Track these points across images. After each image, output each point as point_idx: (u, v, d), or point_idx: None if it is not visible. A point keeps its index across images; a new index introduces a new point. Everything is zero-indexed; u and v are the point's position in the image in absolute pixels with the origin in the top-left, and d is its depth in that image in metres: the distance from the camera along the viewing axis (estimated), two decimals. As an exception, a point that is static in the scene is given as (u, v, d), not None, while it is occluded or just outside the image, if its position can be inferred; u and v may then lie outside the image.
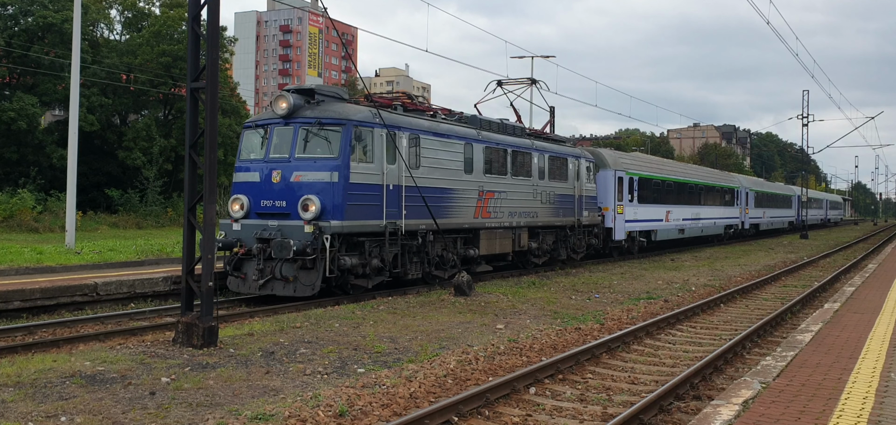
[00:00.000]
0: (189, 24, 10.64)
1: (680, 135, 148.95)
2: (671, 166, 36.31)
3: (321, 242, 14.02)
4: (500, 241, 19.94)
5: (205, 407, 7.41)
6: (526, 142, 21.58)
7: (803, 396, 6.92)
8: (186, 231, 10.61)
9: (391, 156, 15.82)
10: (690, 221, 35.05)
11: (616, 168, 27.33)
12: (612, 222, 26.68)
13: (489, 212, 19.34)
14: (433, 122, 17.75)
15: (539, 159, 22.01)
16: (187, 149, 10.60)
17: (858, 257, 31.39)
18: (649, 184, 30.28)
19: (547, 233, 22.79)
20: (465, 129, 18.83)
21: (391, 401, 7.76)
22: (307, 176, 14.70)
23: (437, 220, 16.94)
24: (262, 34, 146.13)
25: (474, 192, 18.69)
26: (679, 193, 33.84)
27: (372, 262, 15.32)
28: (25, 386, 7.93)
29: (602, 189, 26.46)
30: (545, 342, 11.33)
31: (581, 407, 8.13)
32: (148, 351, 9.85)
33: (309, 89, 15.80)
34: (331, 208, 14.40)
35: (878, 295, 15.01)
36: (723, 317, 14.87)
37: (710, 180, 39.28)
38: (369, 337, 11.12)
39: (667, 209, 32.11)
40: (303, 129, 15.03)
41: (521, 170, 20.98)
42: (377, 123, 15.52)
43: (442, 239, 17.61)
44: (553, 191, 22.67)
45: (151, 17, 47.21)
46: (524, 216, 21.03)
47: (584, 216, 24.71)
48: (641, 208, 29.28)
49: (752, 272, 24.15)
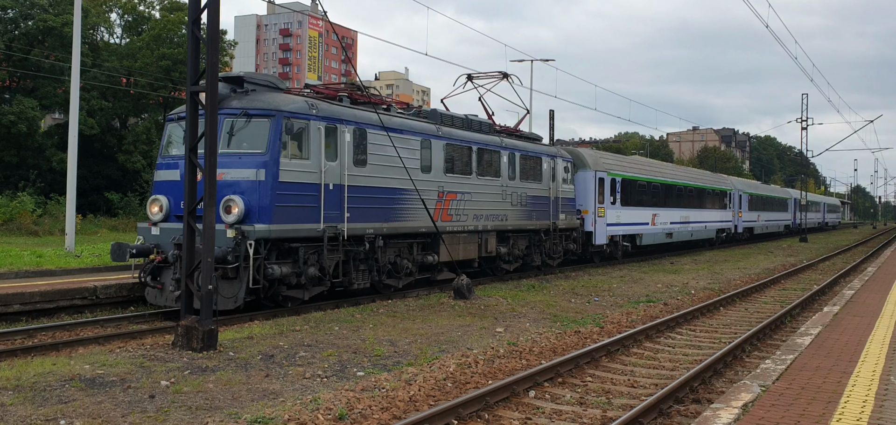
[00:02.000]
0: (189, 28, 10.65)
1: (679, 139, 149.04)
2: (658, 167, 34.86)
3: (245, 249, 12.54)
4: (463, 247, 18.51)
5: (204, 410, 7.41)
6: (494, 140, 20.09)
7: (803, 399, 6.92)
8: (186, 234, 10.61)
9: (332, 152, 14.27)
10: (679, 225, 33.75)
11: (596, 168, 25.94)
12: (593, 226, 25.35)
13: (451, 214, 17.94)
14: (383, 116, 16.02)
15: (509, 158, 20.48)
16: (187, 152, 10.61)
17: (858, 260, 31.39)
18: (633, 186, 28.99)
19: (519, 238, 21.41)
20: (423, 124, 17.37)
21: (391, 405, 7.76)
22: (231, 174, 13.07)
23: (389, 224, 15.71)
24: (262, 37, 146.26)
25: (433, 193, 17.20)
26: (667, 196, 32.50)
27: (308, 271, 13.78)
28: (25, 389, 7.93)
29: (581, 190, 25.19)
30: (545, 345, 11.33)
31: (580, 410, 8.13)
32: (147, 354, 9.85)
33: (237, 76, 14.28)
34: (257, 210, 12.92)
35: (877, 298, 15.02)
36: (722, 320, 14.88)
37: (700, 182, 37.91)
38: (369, 341, 11.12)
39: (653, 212, 30.76)
40: (228, 121, 13.41)
41: (489, 170, 19.51)
42: (314, 115, 13.94)
43: (395, 244, 16.29)
44: (525, 193, 21.25)
45: (151, 20, 47.24)
46: (492, 219, 19.62)
47: (561, 219, 23.28)
48: (625, 211, 27.96)
49: (751, 275, 24.16)
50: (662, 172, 33.79)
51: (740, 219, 43.97)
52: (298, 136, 13.71)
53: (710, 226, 38.49)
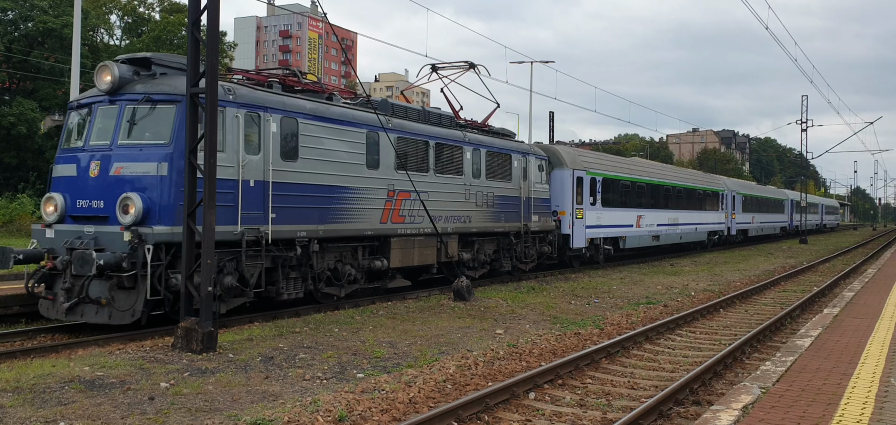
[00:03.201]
0: (189, 30, 10.65)
1: (679, 141, 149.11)
2: (644, 166, 33.27)
3: (142, 254, 11.03)
4: (419, 251, 16.96)
5: (204, 412, 7.41)
6: (455, 135, 18.43)
7: (803, 401, 6.92)
8: (186, 236, 10.61)
9: (254, 143, 12.70)
10: (667, 227, 32.23)
11: (574, 167, 24.41)
12: (570, 228, 23.89)
13: (403, 215, 16.38)
14: (320, 105, 14.39)
15: (474, 155, 18.96)
16: (186, 154, 10.60)
17: (858, 262, 31.39)
18: (616, 186, 27.55)
19: (485, 241, 19.94)
20: (368, 115, 15.57)
21: (390, 407, 7.76)
22: (130, 168, 11.60)
23: (326, 225, 14.13)
24: (262, 39, 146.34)
25: (382, 192, 15.65)
26: (653, 196, 31.00)
27: (224, 280, 12.07)
28: (24, 391, 7.92)
29: (557, 191, 23.72)
30: (545, 347, 11.32)
31: (581, 412, 8.12)
32: (147, 356, 9.84)
33: (143, 57, 12.59)
34: (157, 209, 11.34)
35: (877, 299, 15.01)
36: (722, 321, 14.87)
37: (690, 182, 36.37)
38: (369, 343, 11.11)
39: (638, 213, 29.28)
40: (129, 108, 11.85)
41: (449, 167, 17.94)
42: (230, 101, 12.27)
43: (335, 248, 14.71)
44: (492, 193, 19.70)
45: (151, 22, 47.28)
46: (453, 221, 18.06)
47: (534, 221, 21.69)
48: (606, 212, 26.48)
49: (751, 277, 24.15)
50: (648, 172, 32.25)
51: (734, 220, 42.72)
52: None
53: (701, 228, 37.21)
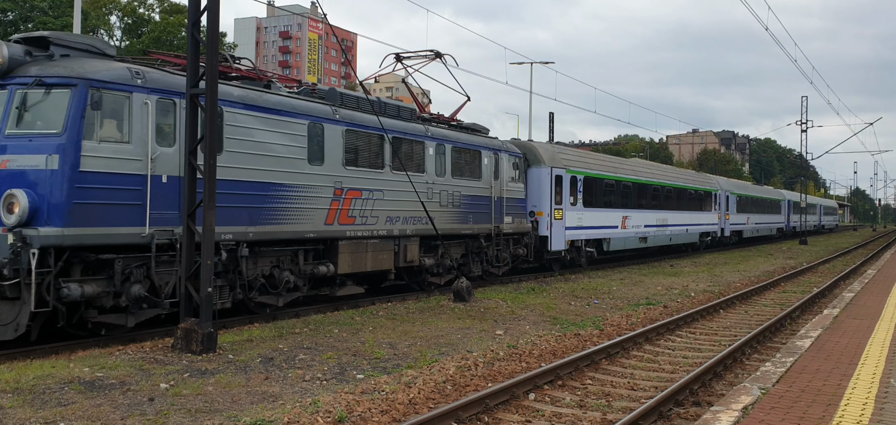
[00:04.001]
0: (189, 30, 10.66)
1: (679, 142, 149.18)
2: (630, 165, 31.83)
3: (27, 259, 9.65)
4: (372, 255, 15.47)
5: (204, 413, 7.41)
6: (416, 129, 16.98)
7: (803, 402, 6.92)
8: (186, 237, 10.61)
9: (168, 134, 11.32)
10: (655, 228, 30.80)
11: (553, 165, 22.93)
12: (548, 229, 22.45)
13: (353, 216, 14.93)
14: (250, 92, 12.85)
15: (437, 151, 17.50)
16: (186, 154, 10.60)
17: (858, 263, 31.39)
18: (599, 186, 26.15)
19: (452, 244, 18.41)
20: (312, 104, 14.15)
21: (390, 408, 7.76)
22: (18, 161, 10.19)
23: (258, 227, 12.69)
24: (262, 40, 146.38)
25: (327, 190, 14.22)
26: (640, 196, 29.62)
27: (131, 290, 10.70)
28: (24, 392, 7.93)
29: (534, 190, 22.38)
30: (544, 348, 11.32)
31: (581, 413, 8.12)
32: (147, 356, 9.84)
33: (40, 36, 11.13)
34: (46, 208, 9.94)
35: (877, 300, 15.01)
36: (722, 322, 14.87)
37: (680, 181, 34.78)
38: (368, 343, 11.11)
39: (623, 214, 27.87)
40: (19, 93, 10.42)
41: (409, 164, 16.41)
42: (138, 86, 10.91)
43: (270, 253, 13.24)
44: (459, 192, 18.27)
45: (151, 23, 47.31)
46: (413, 222, 16.52)
47: (507, 222, 20.27)
48: (589, 213, 25.02)
49: (751, 278, 24.15)
50: (635, 170, 30.74)
51: (727, 221, 41.22)
52: (115, 113, 10.69)
53: (693, 229, 35.72)
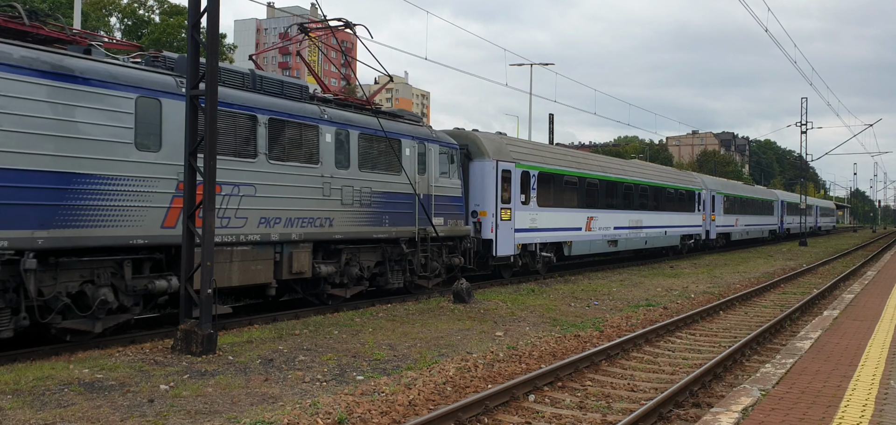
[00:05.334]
0: (189, 32, 10.66)
1: (679, 143, 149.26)
2: (597, 161, 28.64)
3: None
4: (240, 266, 12.55)
5: (203, 414, 7.41)
6: (306, 110, 13.97)
7: (803, 404, 6.92)
8: (185, 238, 10.61)
9: None
10: (628, 231, 28.22)
11: (500, 158, 20.24)
12: (493, 232, 19.75)
13: None
14: (42, 54, 10.02)
15: (337, 137, 14.56)
16: (186, 155, 10.61)
17: (857, 264, 31.39)
18: (557, 182, 23.46)
19: (362, 250, 15.56)
20: (143, 74, 11.29)
21: (390, 409, 7.76)
22: None
23: (53, 232, 9.84)
24: (262, 42, 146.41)
25: (166, 183, 11.31)
26: (610, 195, 27.00)
27: None
28: (24, 393, 7.92)
29: (477, 187, 19.77)
30: (544, 349, 11.32)
31: (580, 414, 8.12)
32: (147, 358, 9.84)
33: None
34: None
35: (877, 301, 15.01)
36: (722, 324, 14.87)
37: (658, 179, 32.01)
38: (368, 345, 11.11)
39: (588, 215, 25.11)
40: None
41: (296, 152, 13.60)
42: None
43: (79, 265, 10.41)
44: (369, 188, 15.36)
45: (151, 24, 47.33)
46: (303, 224, 13.70)
47: (438, 224, 17.35)
48: (544, 213, 22.33)
49: (751, 279, 24.15)
50: (603, 166, 27.82)
51: (713, 223, 38.68)
52: None
53: (672, 231, 33.04)
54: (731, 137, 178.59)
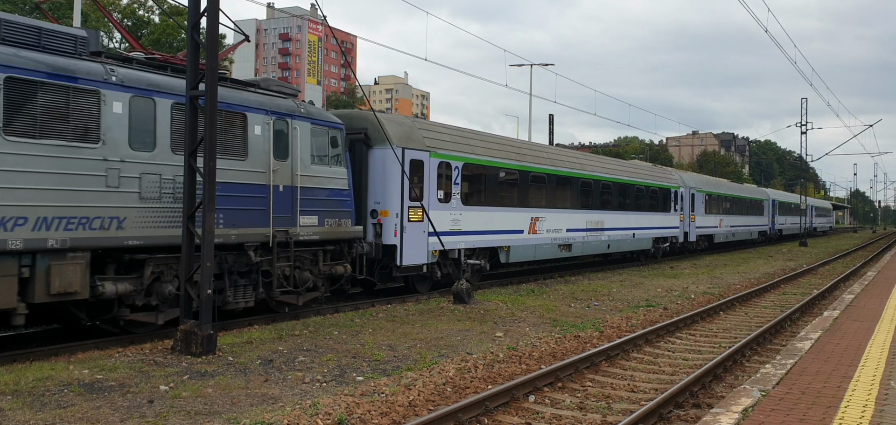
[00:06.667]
0: (188, 32, 10.66)
1: (679, 143, 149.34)
2: (545, 152, 24.32)
3: None
4: None
5: (203, 415, 7.41)
6: (75, 67, 10.32)
7: (803, 404, 6.92)
8: (185, 239, 10.60)
9: None
10: (585, 233, 24.43)
11: (407, 145, 16.42)
12: (396, 235, 16.00)
13: None
14: None
15: (134, 108, 10.88)
16: (186, 156, 10.61)
17: (857, 265, 31.40)
18: (489, 177, 19.64)
19: (175, 262, 11.47)
20: None
21: (390, 410, 7.76)
22: None
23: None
24: (262, 42, 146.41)
25: None
26: (561, 193, 23.17)
27: None
28: (24, 394, 7.92)
29: (377, 180, 16.04)
30: (544, 350, 11.32)
31: (580, 415, 8.12)
32: (146, 359, 9.84)
33: None
34: None
35: (877, 302, 15.01)
36: (722, 324, 14.87)
37: (623, 175, 28.31)
38: (368, 345, 11.11)
39: (532, 214, 21.41)
40: None
41: (59, 127, 10.04)
42: None
43: None
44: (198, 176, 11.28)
45: (151, 25, 47.35)
46: (69, 226, 10.04)
47: (306, 224, 13.59)
48: (472, 213, 18.65)
49: (751, 280, 24.15)
50: (553, 159, 23.70)
51: (693, 224, 34.95)
52: None
53: (643, 233, 29.30)
54: (731, 138, 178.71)
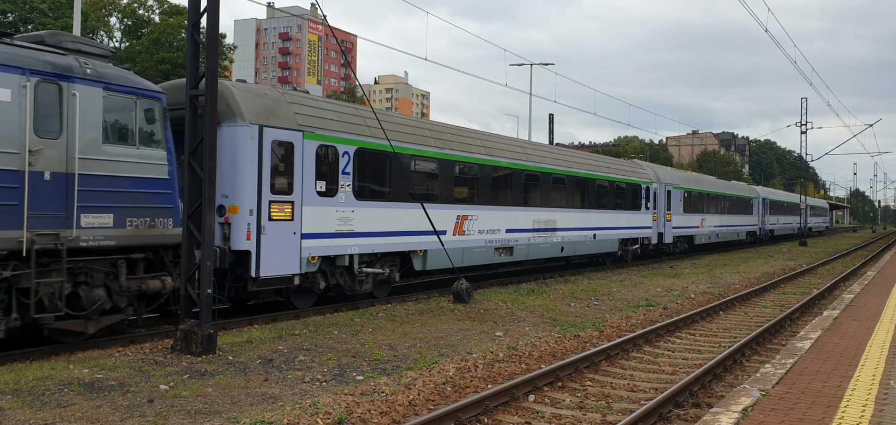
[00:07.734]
0: (188, 32, 10.66)
1: (679, 143, 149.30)
2: (476, 138, 20.01)
3: None
4: None
5: (203, 414, 7.41)
6: None
7: (803, 404, 6.92)
8: (185, 238, 10.60)
9: None
10: (530, 234, 21.18)
11: (268, 123, 13.05)
12: (252, 239, 12.63)
13: None
14: None
15: None
16: (186, 156, 10.61)
17: (857, 264, 31.39)
18: (396, 166, 15.98)
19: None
20: None
21: (390, 409, 7.76)
22: None
23: None
24: (262, 42, 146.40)
25: None
26: (498, 187, 19.94)
27: None
28: (24, 393, 7.92)
29: (226, 167, 12.40)
30: (544, 349, 11.32)
31: (580, 414, 8.12)
32: (146, 358, 9.84)
33: None
34: None
35: (877, 302, 15.01)
36: (722, 324, 14.87)
37: (582, 169, 24.76)
38: (368, 345, 11.11)
39: (458, 212, 18.10)
40: None
41: None
42: None
43: None
44: None
45: (151, 24, 47.35)
46: None
47: (92, 223, 10.13)
48: (368, 210, 15.24)
49: (751, 279, 24.15)
50: (487, 147, 19.98)
51: (668, 224, 31.79)
52: None
53: (606, 234, 25.94)
54: (730, 137, 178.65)
